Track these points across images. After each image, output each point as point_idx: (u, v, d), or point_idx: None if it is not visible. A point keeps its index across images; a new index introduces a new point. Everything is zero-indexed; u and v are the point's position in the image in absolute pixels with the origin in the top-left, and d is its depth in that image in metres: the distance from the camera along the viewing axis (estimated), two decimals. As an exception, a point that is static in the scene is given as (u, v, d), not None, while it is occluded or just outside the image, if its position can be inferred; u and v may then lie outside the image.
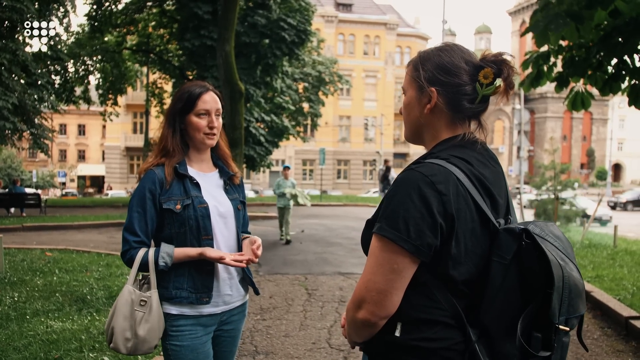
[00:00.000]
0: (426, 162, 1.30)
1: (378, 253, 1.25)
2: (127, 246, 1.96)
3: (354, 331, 1.35)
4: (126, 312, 1.93)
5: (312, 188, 44.18)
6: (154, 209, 1.97)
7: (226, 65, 12.37)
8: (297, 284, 6.84)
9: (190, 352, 1.98)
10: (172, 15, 19.10)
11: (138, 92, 39.64)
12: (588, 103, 5.50)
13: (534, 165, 37.18)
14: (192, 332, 1.98)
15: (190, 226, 1.97)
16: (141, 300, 1.93)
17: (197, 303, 1.97)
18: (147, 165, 2.04)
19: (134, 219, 1.96)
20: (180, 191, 1.99)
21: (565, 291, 1.19)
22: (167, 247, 1.96)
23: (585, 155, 61.16)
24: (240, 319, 2.18)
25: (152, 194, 1.97)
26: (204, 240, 2.00)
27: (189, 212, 1.97)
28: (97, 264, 7.44)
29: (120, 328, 1.92)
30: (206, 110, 2.03)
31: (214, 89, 2.10)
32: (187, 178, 2.02)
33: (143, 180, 2.00)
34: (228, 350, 2.18)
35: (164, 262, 1.93)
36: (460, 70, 1.34)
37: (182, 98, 2.05)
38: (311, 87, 26.11)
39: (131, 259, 1.95)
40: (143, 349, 1.93)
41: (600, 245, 10.04)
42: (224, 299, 2.05)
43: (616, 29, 4.78)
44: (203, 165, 2.12)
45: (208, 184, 2.09)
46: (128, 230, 1.97)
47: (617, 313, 5.07)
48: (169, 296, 1.96)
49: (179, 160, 2.04)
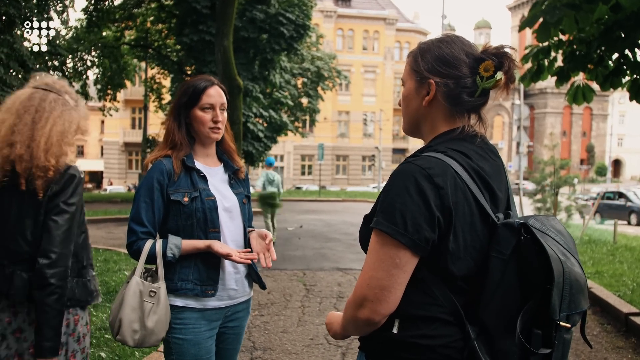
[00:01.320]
0: (423, 155, 1.28)
1: (378, 249, 1.22)
2: (135, 237, 1.94)
3: (353, 329, 1.33)
4: (134, 303, 1.90)
5: (311, 183, 44.20)
6: (162, 199, 1.95)
7: (224, 60, 12.33)
8: (295, 280, 6.83)
9: (193, 346, 1.95)
10: (171, 10, 19.04)
11: (137, 88, 39.54)
12: (590, 97, 5.47)
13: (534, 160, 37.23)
14: (195, 326, 1.96)
15: (198, 219, 1.95)
16: (150, 292, 1.90)
17: (202, 295, 1.95)
18: (155, 156, 2.02)
19: (142, 209, 1.94)
20: (187, 184, 1.98)
21: (566, 287, 1.16)
22: (175, 239, 1.93)
23: (585, 151, 61.17)
24: (244, 316, 2.16)
25: (160, 184, 1.95)
26: (211, 233, 1.98)
27: (197, 204, 1.95)
28: (95, 260, 7.40)
29: (128, 320, 1.89)
30: (211, 105, 2.01)
31: (219, 83, 2.08)
32: (195, 171, 2.01)
33: (151, 171, 1.97)
34: (232, 347, 2.16)
35: (171, 254, 1.90)
36: (460, 62, 1.31)
37: (187, 92, 2.03)
38: (310, 83, 26.08)
39: (138, 250, 1.93)
40: (150, 341, 1.91)
41: (600, 241, 10.04)
42: (228, 293, 2.03)
43: (617, 23, 4.75)
44: (208, 160, 2.11)
45: (214, 178, 2.07)
46: (135, 221, 1.94)
47: (616, 309, 5.06)
48: (174, 288, 1.94)
49: (186, 153, 2.02)
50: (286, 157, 48.00)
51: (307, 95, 26.29)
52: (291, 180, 46.68)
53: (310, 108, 26.85)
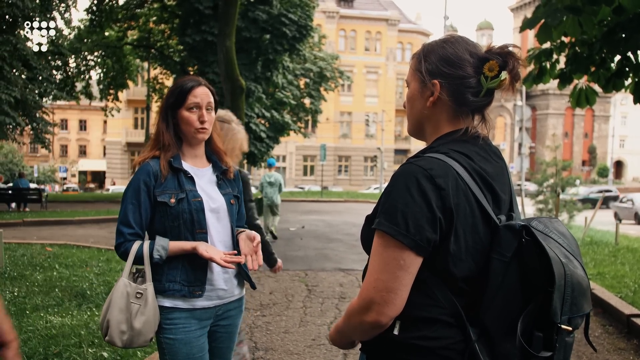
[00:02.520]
0: (425, 156, 1.28)
1: (382, 251, 1.22)
2: (122, 239, 1.95)
3: (359, 334, 1.32)
4: (122, 304, 1.92)
5: (313, 184, 44.18)
6: (149, 201, 1.97)
7: (227, 60, 12.32)
8: (297, 280, 6.83)
9: (184, 345, 1.97)
10: (173, 10, 19.05)
11: (139, 88, 39.59)
12: (593, 99, 5.45)
13: (536, 162, 37.09)
14: (185, 325, 1.97)
15: (184, 220, 1.97)
16: (137, 293, 1.92)
17: (190, 296, 1.97)
18: (142, 158, 2.04)
19: (129, 210, 1.95)
20: (174, 185, 1.99)
21: (568, 290, 1.16)
22: (162, 241, 1.94)
23: (587, 152, 61.01)
24: (237, 314, 2.16)
25: (147, 186, 1.96)
26: (198, 234, 1.99)
27: (183, 205, 1.96)
28: (97, 259, 7.44)
29: (116, 321, 1.91)
30: (196, 104, 2.01)
31: (206, 84, 2.09)
32: (182, 172, 2.02)
33: (138, 173, 1.99)
34: (225, 346, 2.17)
35: (158, 255, 1.92)
36: (465, 62, 1.31)
37: (173, 93, 2.05)
38: (312, 83, 26.06)
39: (126, 251, 1.94)
40: (139, 342, 1.93)
41: (601, 242, 10.02)
42: (217, 293, 2.04)
43: (619, 25, 4.73)
44: (197, 161, 2.12)
45: (201, 179, 2.08)
46: (123, 223, 1.96)
47: (618, 311, 5.06)
48: (162, 289, 1.96)
49: (174, 154, 2.03)
50: (288, 158, 48.00)
51: (309, 96, 26.27)
52: (293, 180, 46.69)
53: (312, 108, 26.83)
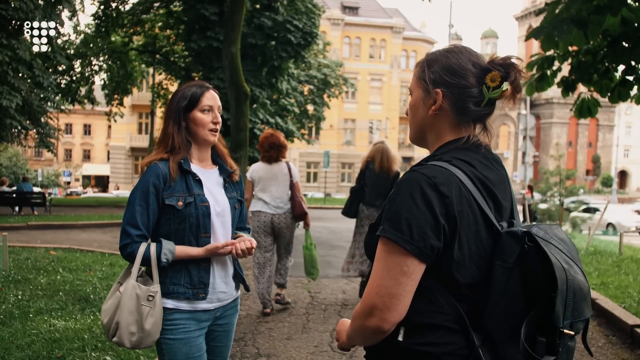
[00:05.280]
0: (429, 164, 1.30)
1: (385, 257, 1.23)
2: (129, 239, 1.96)
3: (361, 339, 1.33)
4: (131, 306, 1.93)
5: (316, 191, 44.15)
6: (157, 203, 1.98)
7: (232, 66, 12.39)
8: (300, 287, 6.83)
9: (184, 345, 2.00)
10: (179, 16, 19.17)
11: (143, 93, 39.74)
12: (595, 110, 5.45)
13: (539, 171, 37.03)
14: (185, 325, 2.00)
15: (191, 223, 1.99)
16: (149, 296, 1.94)
17: (194, 299, 2.00)
18: (151, 159, 2.05)
19: (137, 212, 1.96)
20: (182, 188, 2.01)
21: (570, 294, 1.17)
22: (169, 244, 1.97)
23: (591, 162, 60.87)
24: (233, 313, 2.21)
25: (156, 188, 1.98)
26: (202, 237, 2.02)
27: (191, 209, 1.99)
28: (101, 264, 7.45)
29: (126, 322, 1.93)
30: (210, 107, 2.07)
31: (213, 87, 2.15)
32: (190, 174, 2.04)
33: (147, 174, 2.00)
34: (223, 344, 2.21)
35: (165, 259, 1.95)
36: (467, 72, 1.33)
37: (185, 96, 2.08)
38: (316, 90, 26.15)
39: (132, 253, 1.96)
40: (147, 343, 1.96)
41: (605, 252, 9.97)
42: (218, 296, 2.08)
43: (623, 34, 4.75)
44: (204, 163, 2.15)
45: (209, 181, 2.11)
46: (130, 224, 1.96)
47: (622, 321, 5.03)
48: (167, 291, 1.99)
49: (183, 156, 2.05)
50: (292, 164, 48.00)
51: (313, 103, 26.36)
52: (296, 187, 46.59)
53: (316, 115, 26.90)
